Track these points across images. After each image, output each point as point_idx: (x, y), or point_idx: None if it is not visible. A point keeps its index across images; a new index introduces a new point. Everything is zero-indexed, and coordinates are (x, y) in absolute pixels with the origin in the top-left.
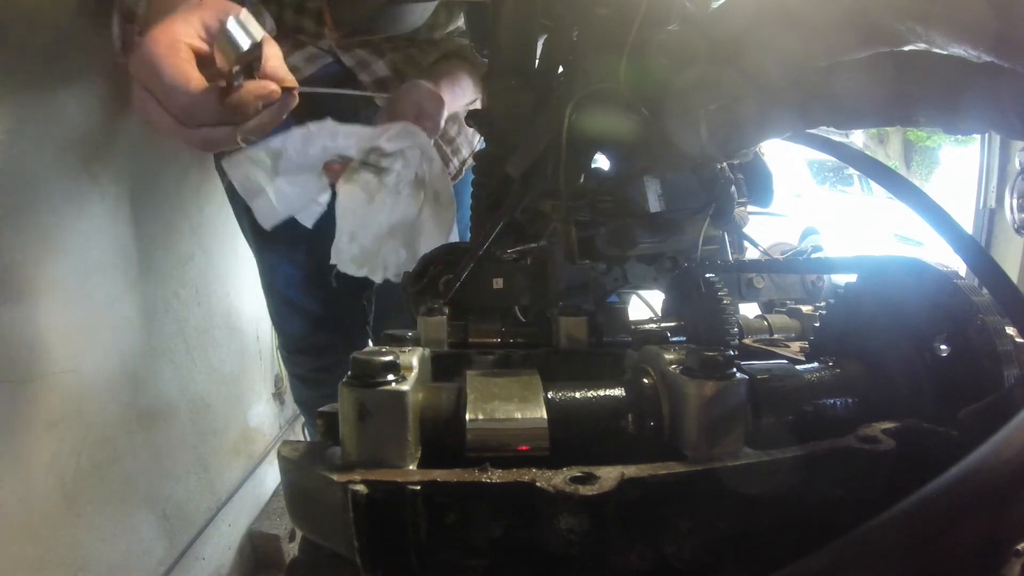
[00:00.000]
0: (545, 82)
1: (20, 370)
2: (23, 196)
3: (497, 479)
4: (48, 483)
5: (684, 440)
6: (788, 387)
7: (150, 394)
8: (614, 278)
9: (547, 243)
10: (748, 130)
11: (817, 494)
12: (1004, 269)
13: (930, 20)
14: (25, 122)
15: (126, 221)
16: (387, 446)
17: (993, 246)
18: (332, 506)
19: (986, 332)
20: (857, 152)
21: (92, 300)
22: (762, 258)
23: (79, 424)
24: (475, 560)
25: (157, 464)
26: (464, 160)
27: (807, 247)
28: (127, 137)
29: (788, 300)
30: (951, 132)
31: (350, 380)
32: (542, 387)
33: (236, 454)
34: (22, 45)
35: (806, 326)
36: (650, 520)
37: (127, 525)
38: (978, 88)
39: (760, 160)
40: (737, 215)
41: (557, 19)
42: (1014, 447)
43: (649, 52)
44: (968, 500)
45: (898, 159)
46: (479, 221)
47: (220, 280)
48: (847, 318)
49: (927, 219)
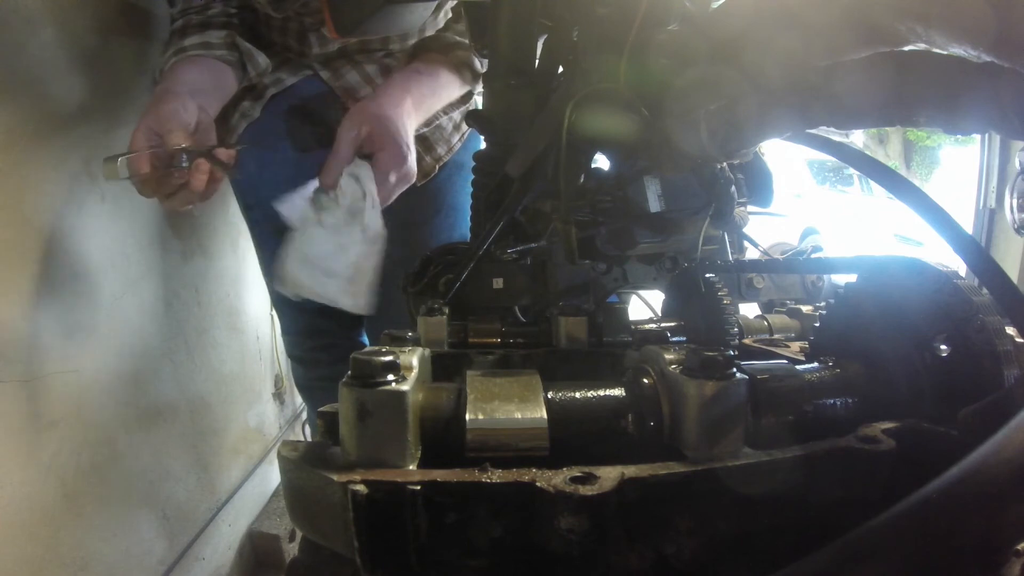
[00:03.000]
0: (545, 82)
1: (20, 370)
2: (23, 196)
3: (497, 479)
4: (48, 483)
5: (684, 440)
6: (788, 387)
7: (150, 394)
8: (614, 278)
9: (547, 243)
10: (748, 130)
11: (817, 494)
12: (1004, 269)
13: (930, 20)
14: (25, 122)
15: (126, 221)
16: (387, 446)
17: (993, 246)
18: (332, 506)
19: (986, 332)
20: (857, 152)
21: (92, 300)
22: (762, 258)
23: (79, 424)
24: (475, 560)
25: (157, 464)
26: (439, 158)
27: (807, 247)
28: (127, 137)
29: (788, 300)
30: (951, 132)
31: (350, 380)
32: (542, 387)
33: (236, 454)
34: (22, 45)
35: (806, 326)
36: (650, 520)
37: (127, 525)
38: (978, 88)
39: (760, 160)
40: (737, 215)
41: (557, 19)
42: (1014, 447)
43: (649, 52)
44: (968, 500)
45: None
46: (479, 221)
47: (220, 280)
48: (847, 318)
49: (927, 219)
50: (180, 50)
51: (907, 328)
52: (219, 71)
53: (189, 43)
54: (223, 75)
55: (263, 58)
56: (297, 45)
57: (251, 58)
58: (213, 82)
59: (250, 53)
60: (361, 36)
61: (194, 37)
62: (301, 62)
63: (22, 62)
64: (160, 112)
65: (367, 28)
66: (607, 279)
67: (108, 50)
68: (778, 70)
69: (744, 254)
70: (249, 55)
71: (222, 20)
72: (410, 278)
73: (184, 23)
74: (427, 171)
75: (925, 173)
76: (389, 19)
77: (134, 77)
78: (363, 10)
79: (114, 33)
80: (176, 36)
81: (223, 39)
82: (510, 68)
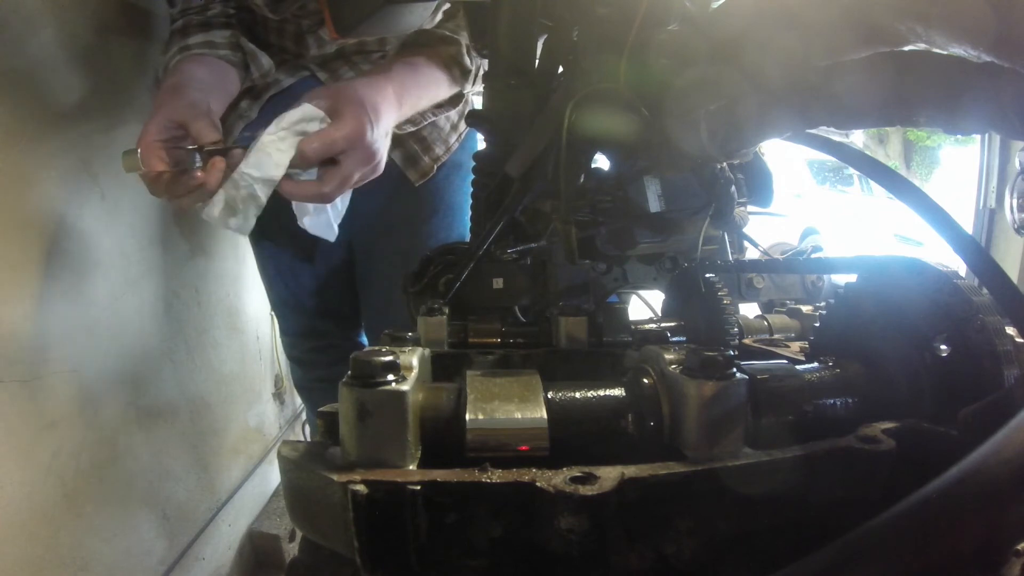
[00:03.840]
0: (545, 82)
1: (20, 370)
2: (23, 196)
3: (497, 479)
4: (48, 483)
5: (684, 440)
6: (788, 387)
7: (150, 394)
8: (614, 278)
9: (547, 243)
10: (748, 130)
11: (817, 494)
12: (1004, 269)
13: (930, 20)
14: (25, 121)
15: (126, 221)
16: (387, 446)
17: (993, 246)
18: (332, 506)
19: (986, 332)
20: (857, 152)
21: (92, 300)
22: (762, 258)
23: (79, 424)
24: (475, 560)
25: (157, 464)
26: (437, 158)
27: (807, 247)
28: (127, 137)
29: (788, 300)
30: (951, 132)
31: (350, 380)
32: (542, 387)
33: (236, 454)
34: (22, 44)
35: (806, 326)
36: (650, 520)
37: (127, 525)
38: (978, 88)
39: (760, 160)
40: (737, 215)
41: (557, 19)
42: (1014, 447)
43: (649, 52)
44: (968, 500)
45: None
46: (479, 221)
47: (220, 280)
48: (847, 318)
49: (927, 219)
50: (185, 48)
51: (907, 328)
52: (223, 71)
53: (193, 41)
54: (227, 75)
55: (267, 59)
56: (294, 47)
57: (255, 59)
58: (218, 81)
59: (254, 54)
60: (361, 36)
61: (198, 36)
62: (298, 63)
63: (22, 61)
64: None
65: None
66: (607, 279)
67: (108, 50)
68: (778, 70)
69: (744, 254)
70: (253, 56)
71: (223, 20)
72: (410, 278)
73: (185, 23)
74: (425, 171)
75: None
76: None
77: (134, 77)
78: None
79: (114, 33)
80: (178, 35)
81: (227, 39)
82: (510, 68)
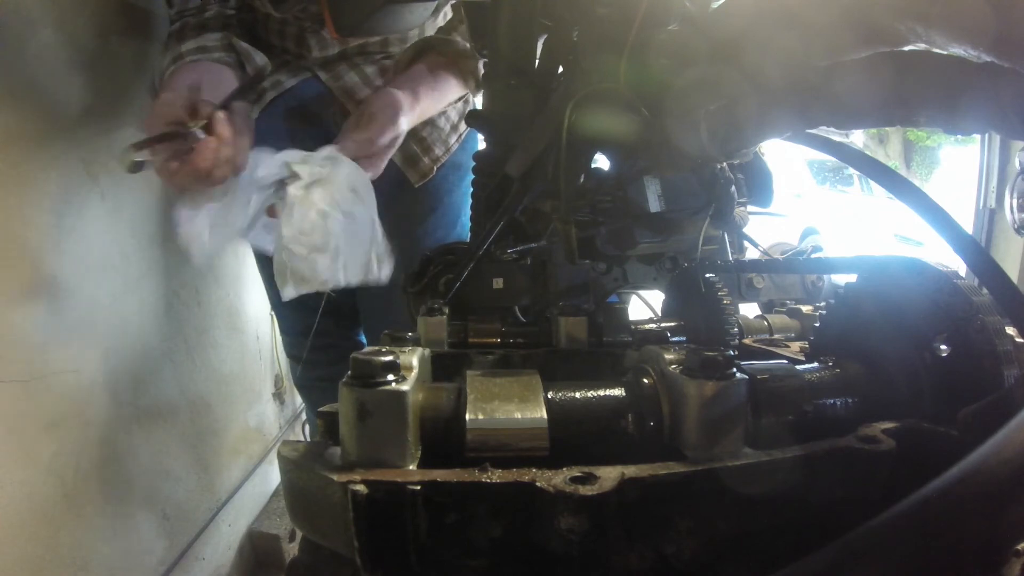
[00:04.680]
0: (545, 82)
1: (20, 370)
2: (24, 196)
3: (497, 479)
4: (48, 483)
5: (684, 440)
6: (788, 387)
7: (150, 394)
8: (614, 278)
9: (547, 243)
10: (748, 130)
11: (817, 494)
12: (1004, 269)
13: (930, 20)
14: (25, 122)
15: (126, 221)
16: (387, 446)
17: (993, 246)
18: (332, 506)
19: (986, 332)
20: (857, 152)
21: (92, 300)
22: (762, 258)
23: (79, 424)
24: (475, 560)
25: (157, 464)
26: (436, 159)
27: (807, 247)
28: (127, 137)
29: (788, 300)
30: (951, 132)
31: (350, 380)
32: (542, 387)
33: (236, 454)
34: (22, 46)
35: (806, 326)
36: (650, 520)
37: (127, 525)
38: (978, 88)
39: (760, 160)
40: (737, 215)
41: (557, 19)
42: (1014, 447)
43: (649, 52)
44: (968, 500)
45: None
46: (479, 221)
47: (220, 280)
48: (847, 318)
49: (927, 219)
50: (177, 57)
51: (907, 328)
52: (217, 73)
53: (186, 48)
54: (222, 75)
55: (261, 57)
56: (295, 48)
57: (249, 58)
58: (212, 84)
59: (247, 53)
60: (361, 36)
61: (190, 42)
62: (300, 64)
63: (22, 62)
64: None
65: (367, 28)
66: (607, 279)
67: (108, 51)
68: (778, 70)
69: (744, 254)
70: (247, 55)
71: (219, 22)
72: (410, 278)
73: (181, 25)
74: (425, 172)
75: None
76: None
77: (134, 77)
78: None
79: (114, 33)
80: (174, 40)
81: (219, 41)
82: (510, 68)
